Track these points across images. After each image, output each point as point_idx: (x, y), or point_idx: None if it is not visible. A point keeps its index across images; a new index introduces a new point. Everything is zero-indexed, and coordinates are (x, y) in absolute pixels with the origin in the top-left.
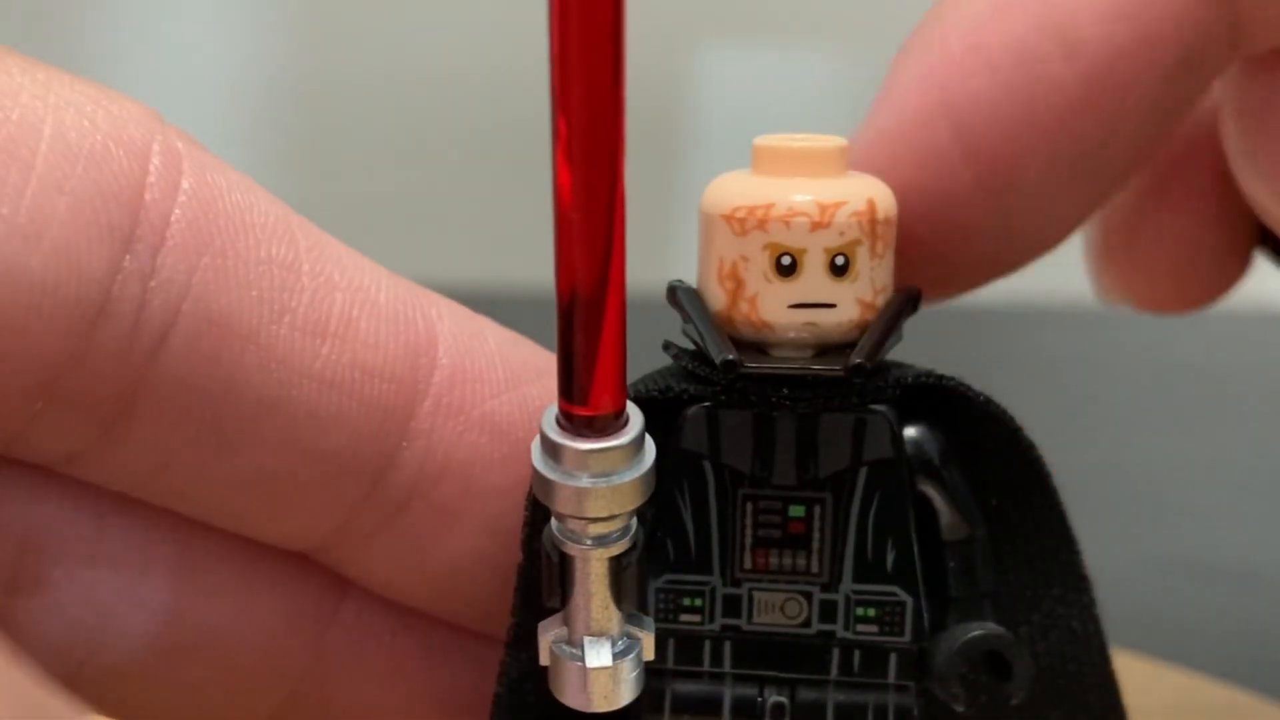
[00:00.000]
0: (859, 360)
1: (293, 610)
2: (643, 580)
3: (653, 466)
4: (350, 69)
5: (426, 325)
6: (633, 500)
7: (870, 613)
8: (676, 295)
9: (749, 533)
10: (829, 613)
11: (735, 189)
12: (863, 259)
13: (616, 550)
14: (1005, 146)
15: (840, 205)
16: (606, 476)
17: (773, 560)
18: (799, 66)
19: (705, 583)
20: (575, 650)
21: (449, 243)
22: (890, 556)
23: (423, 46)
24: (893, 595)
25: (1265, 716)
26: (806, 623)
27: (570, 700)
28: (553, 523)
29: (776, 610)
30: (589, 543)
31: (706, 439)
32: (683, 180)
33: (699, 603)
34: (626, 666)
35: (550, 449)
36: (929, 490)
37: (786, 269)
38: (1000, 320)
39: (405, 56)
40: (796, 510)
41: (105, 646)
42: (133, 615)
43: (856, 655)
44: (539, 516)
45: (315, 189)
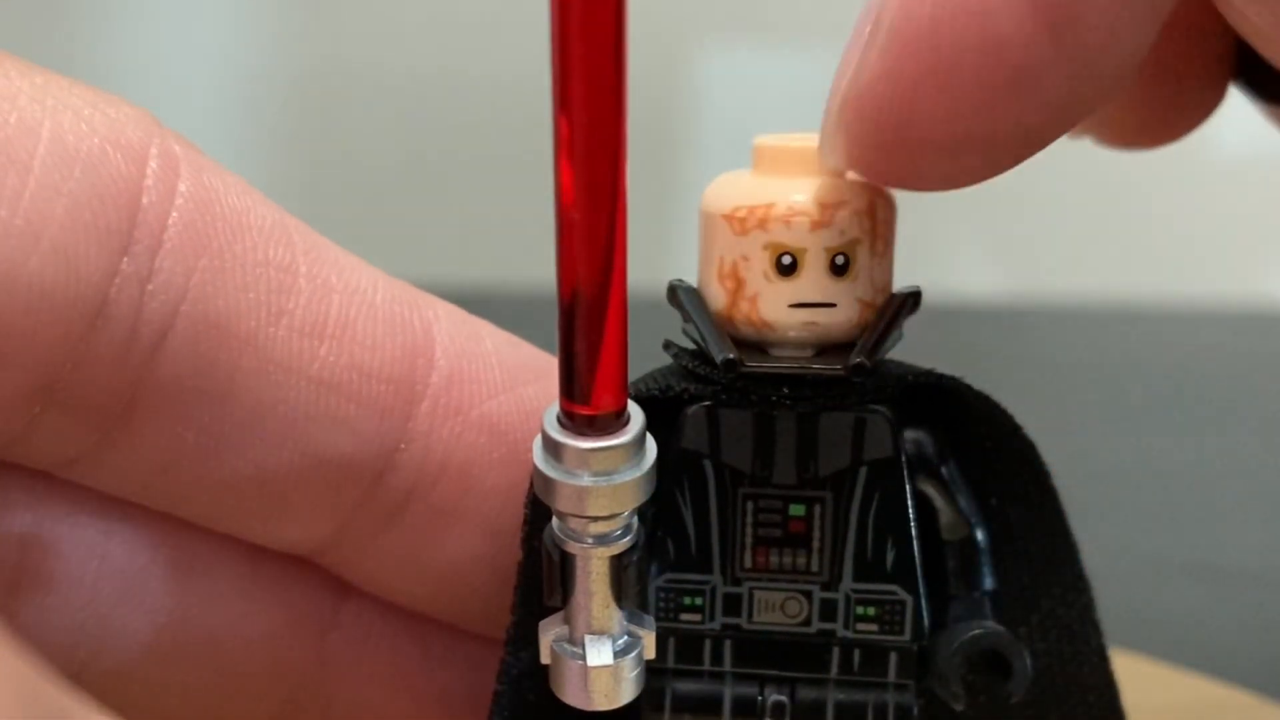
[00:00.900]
0: (859, 359)
1: (294, 613)
2: (643, 579)
3: (654, 465)
4: (350, 68)
5: (424, 327)
6: (634, 499)
7: (870, 612)
8: (677, 295)
9: (749, 532)
10: (829, 612)
11: (735, 189)
12: (863, 258)
13: (618, 549)
14: None
15: (840, 205)
16: (608, 475)
17: (773, 559)
18: (799, 66)
19: (706, 582)
20: (576, 649)
21: (448, 243)
22: (890, 555)
23: (422, 46)
24: (893, 594)
25: (1265, 716)
26: (807, 622)
27: (571, 699)
28: (554, 521)
29: (777, 609)
30: (590, 541)
31: (707, 438)
32: (683, 180)
33: (699, 602)
34: (627, 665)
35: (552, 448)
36: (929, 489)
37: (787, 268)
38: (1000, 320)
39: (404, 56)
40: (797, 509)
41: (107, 649)
42: (134, 618)
43: (856, 654)
44: (539, 515)
45: (314, 189)
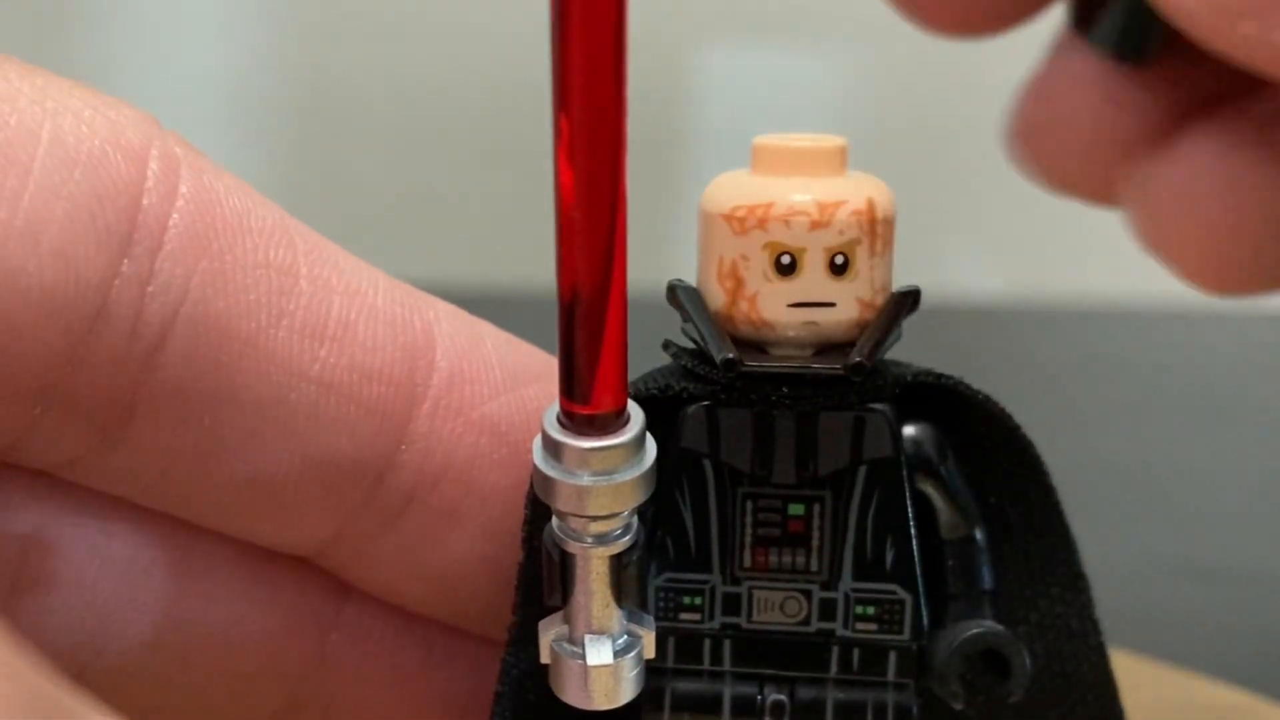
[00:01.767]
0: (858, 359)
1: (295, 613)
2: (643, 578)
3: (654, 465)
4: (348, 71)
5: (424, 328)
6: (634, 498)
7: (869, 611)
8: (676, 294)
9: (749, 531)
10: (828, 611)
11: (735, 188)
12: (862, 258)
13: (617, 548)
14: None
15: (840, 204)
16: (608, 475)
17: (772, 558)
18: (799, 66)
19: (705, 581)
20: (576, 648)
21: (447, 243)
22: (889, 555)
23: (422, 47)
24: (892, 593)
25: (1265, 716)
26: (806, 621)
27: (571, 698)
28: (554, 521)
29: (776, 608)
30: (590, 541)
31: (706, 437)
32: (682, 180)
33: (699, 601)
34: (627, 664)
35: (551, 447)
36: (928, 489)
37: (786, 268)
38: (1000, 320)
39: (404, 58)
40: (796, 509)
41: (108, 649)
42: (135, 618)
43: (856, 653)
44: (540, 514)
45: (315, 190)
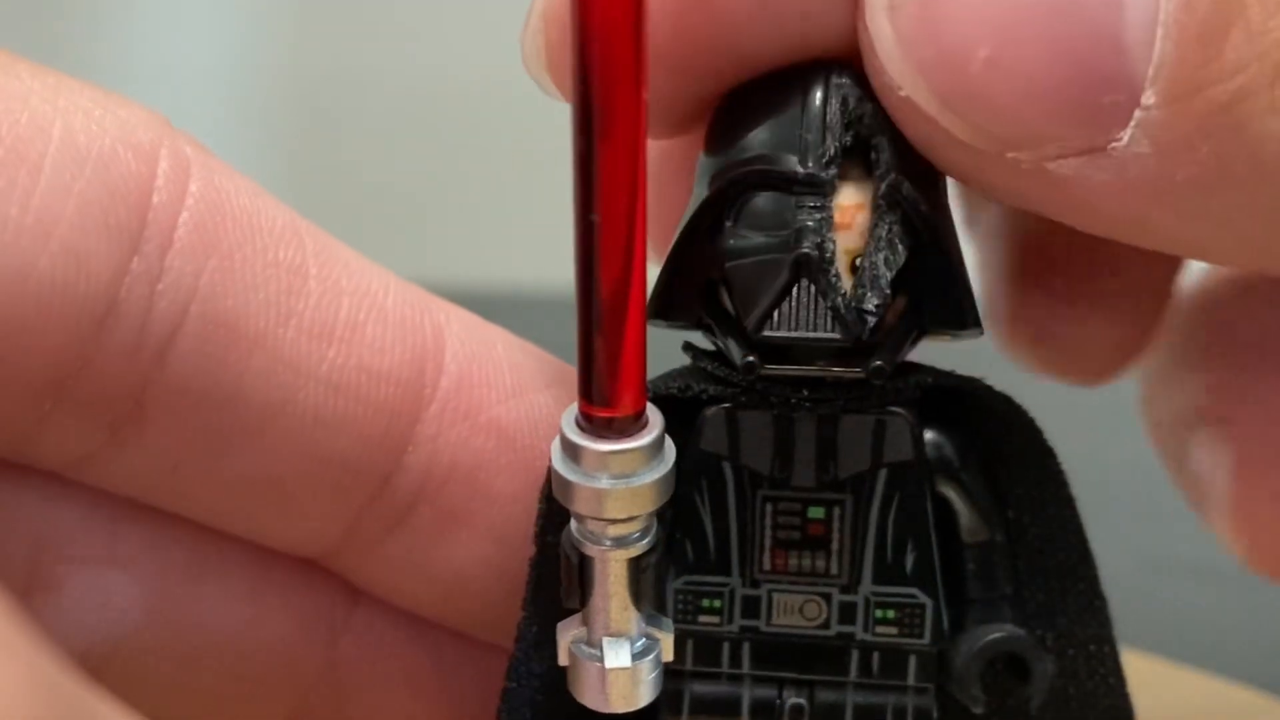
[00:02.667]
0: (878, 363)
1: (305, 616)
2: (661, 581)
3: (673, 468)
4: (355, 69)
5: (434, 330)
6: (652, 501)
7: (890, 615)
8: None
9: (768, 534)
10: (848, 614)
11: None
12: None
13: (636, 551)
14: None
15: (861, 207)
16: (626, 478)
17: (792, 562)
18: None
19: (724, 584)
20: (594, 650)
21: (452, 243)
22: (910, 558)
23: (429, 47)
24: (912, 597)
25: (1268, 713)
26: (825, 624)
27: (588, 700)
28: (572, 524)
29: (795, 612)
30: (608, 544)
31: (726, 440)
32: None
33: (718, 604)
34: (645, 667)
35: (570, 450)
36: (949, 492)
37: None
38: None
39: (411, 57)
40: (816, 512)
41: (118, 652)
42: (145, 620)
43: (876, 657)
44: (554, 511)
45: (320, 191)
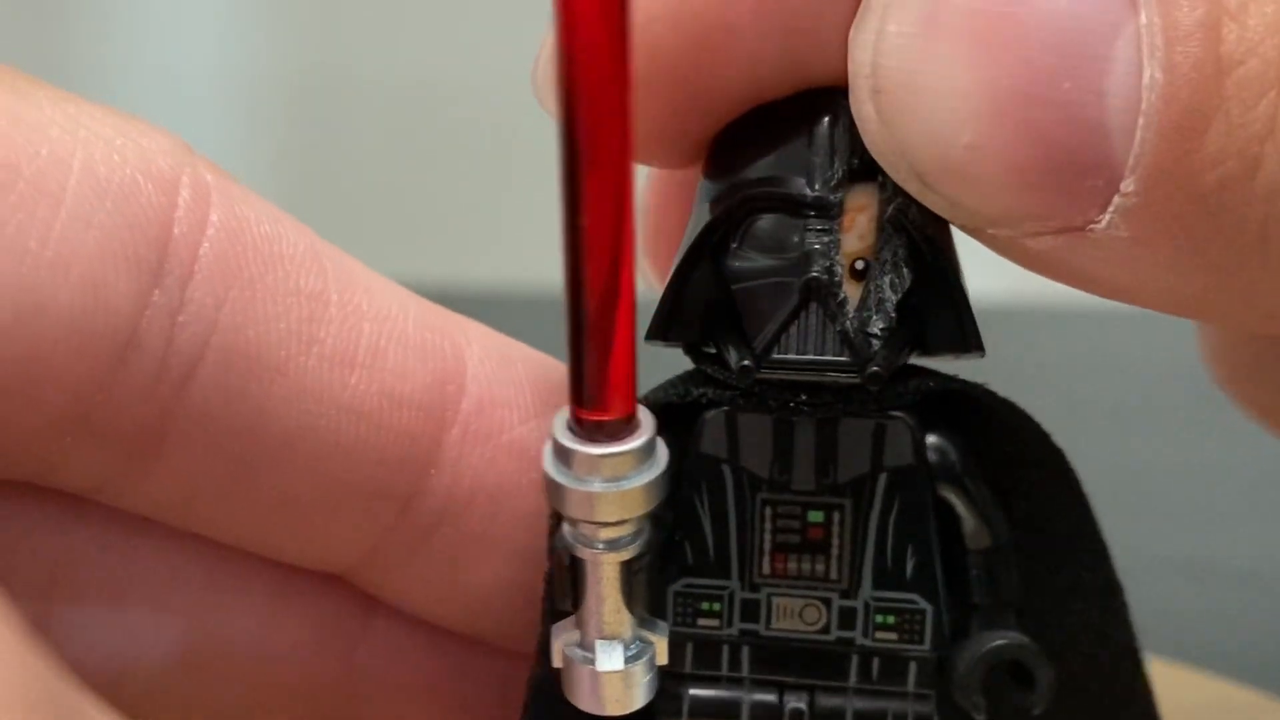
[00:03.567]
0: (875, 369)
1: (322, 628)
2: (655, 584)
3: (664, 471)
4: (348, 70)
5: (455, 352)
6: (643, 504)
7: (889, 620)
8: None
9: (767, 537)
10: (848, 619)
11: None
12: None
13: (628, 554)
14: None
15: (861, 210)
16: (617, 481)
17: (791, 565)
18: None
19: (723, 587)
20: (588, 654)
21: (456, 244)
22: (910, 564)
23: (424, 44)
24: (912, 603)
25: (1267, 715)
26: (825, 629)
27: (583, 703)
28: (565, 527)
29: (795, 616)
30: (600, 547)
31: (725, 443)
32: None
33: (717, 607)
34: (639, 670)
35: (561, 454)
36: (951, 497)
37: None
38: (1000, 320)
39: (404, 58)
40: (815, 516)
41: (137, 665)
42: (163, 634)
43: (876, 663)
44: (561, 524)
45: (313, 192)
